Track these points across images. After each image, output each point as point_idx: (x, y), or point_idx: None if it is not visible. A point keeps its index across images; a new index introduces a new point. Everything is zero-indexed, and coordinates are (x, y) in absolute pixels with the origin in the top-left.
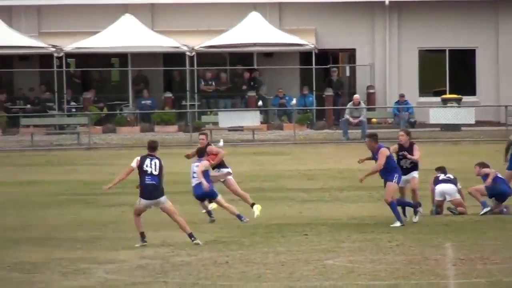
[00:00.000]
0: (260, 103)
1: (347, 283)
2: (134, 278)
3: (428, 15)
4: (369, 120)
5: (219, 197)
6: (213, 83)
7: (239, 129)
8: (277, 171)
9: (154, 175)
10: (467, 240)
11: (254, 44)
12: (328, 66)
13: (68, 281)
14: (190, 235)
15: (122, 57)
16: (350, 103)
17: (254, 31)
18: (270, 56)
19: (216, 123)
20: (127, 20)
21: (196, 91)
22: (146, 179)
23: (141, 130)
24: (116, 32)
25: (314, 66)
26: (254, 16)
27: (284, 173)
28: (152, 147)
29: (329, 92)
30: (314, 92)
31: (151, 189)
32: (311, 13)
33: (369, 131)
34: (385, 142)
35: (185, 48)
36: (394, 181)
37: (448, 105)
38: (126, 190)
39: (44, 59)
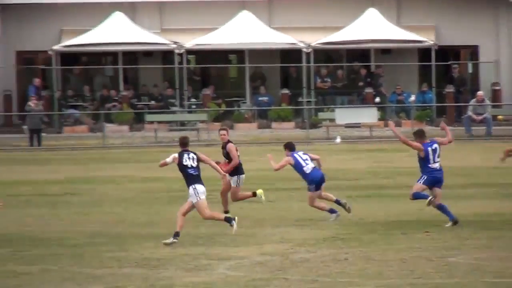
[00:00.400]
0: (377, 99)
1: (472, 281)
2: (254, 274)
3: None
4: (494, 117)
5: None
6: (329, 80)
7: (356, 126)
8: (396, 168)
9: (194, 167)
10: None
11: (372, 41)
12: (449, 63)
13: (190, 277)
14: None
15: (240, 54)
16: (473, 99)
17: (371, 27)
18: (388, 53)
19: (332, 120)
20: (245, 17)
21: (312, 87)
22: (190, 171)
23: (258, 126)
24: (233, 28)
25: (433, 62)
26: (371, 13)
27: (402, 170)
28: (184, 143)
29: (450, 88)
30: (433, 89)
31: (197, 178)
32: (431, 10)
33: (496, 128)
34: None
35: (301, 45)
36: (420, 182)
37: None
38: (252, 187)
39: (166, 56)
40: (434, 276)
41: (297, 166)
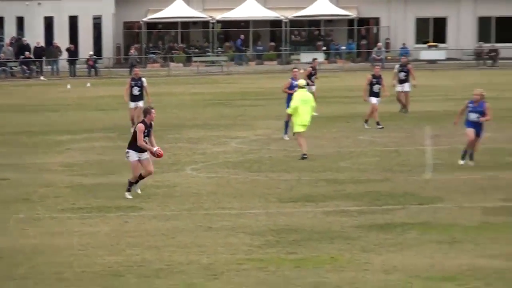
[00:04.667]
0: (323, 48)
1: None
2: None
3: None
4: (386, 58)
5: None
6: (299, 37)
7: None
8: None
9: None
10: None
11: (322, 15)
12: (363, 27)
13: None
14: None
15: (246, 24)
16: (376, 47)
17: (322, 8)
18: (331, 22)
19: (298, 59)
20: (251, 3)
21: (288, 41)
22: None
23: (256, 63)
24: (245, 7)
25: (356, 27)
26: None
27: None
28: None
29: (364, 41)
30: (356, 42)
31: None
32: None
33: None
34: None
35: (283, 18)
36: None
37: None
38: None
39: (205, 24)
40: None
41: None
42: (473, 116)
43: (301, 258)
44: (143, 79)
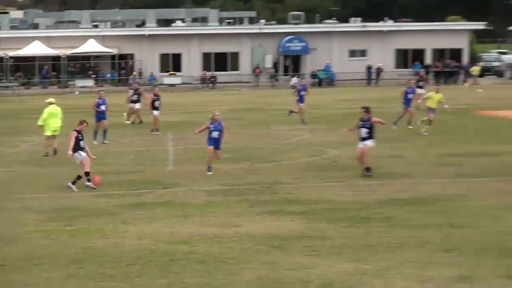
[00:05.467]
0: (93, 76)
1: None
2: None
3: None
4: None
5: None
6: (74, 68)
7: (86, 86)
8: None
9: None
10: None
11: (91, 52)
12: (119, 61)
13: None
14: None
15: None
16: (131, 76)
17: (91, 47)
18: (99, 57)
19: (74, 85)
20: (38, 44)
21: (67, 71)
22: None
23: (42, 87)
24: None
25: (118, 60)
26: (92, 41)
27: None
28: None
29: (123, 71)
30: (117, 72)
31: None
32: (114, 39)
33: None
34: None
35: (61, 54)
36: None
37: None
38: None
39: (2, 60)
40: None
41: None
42: (214, 134)
43: (76, 229)
44: None
